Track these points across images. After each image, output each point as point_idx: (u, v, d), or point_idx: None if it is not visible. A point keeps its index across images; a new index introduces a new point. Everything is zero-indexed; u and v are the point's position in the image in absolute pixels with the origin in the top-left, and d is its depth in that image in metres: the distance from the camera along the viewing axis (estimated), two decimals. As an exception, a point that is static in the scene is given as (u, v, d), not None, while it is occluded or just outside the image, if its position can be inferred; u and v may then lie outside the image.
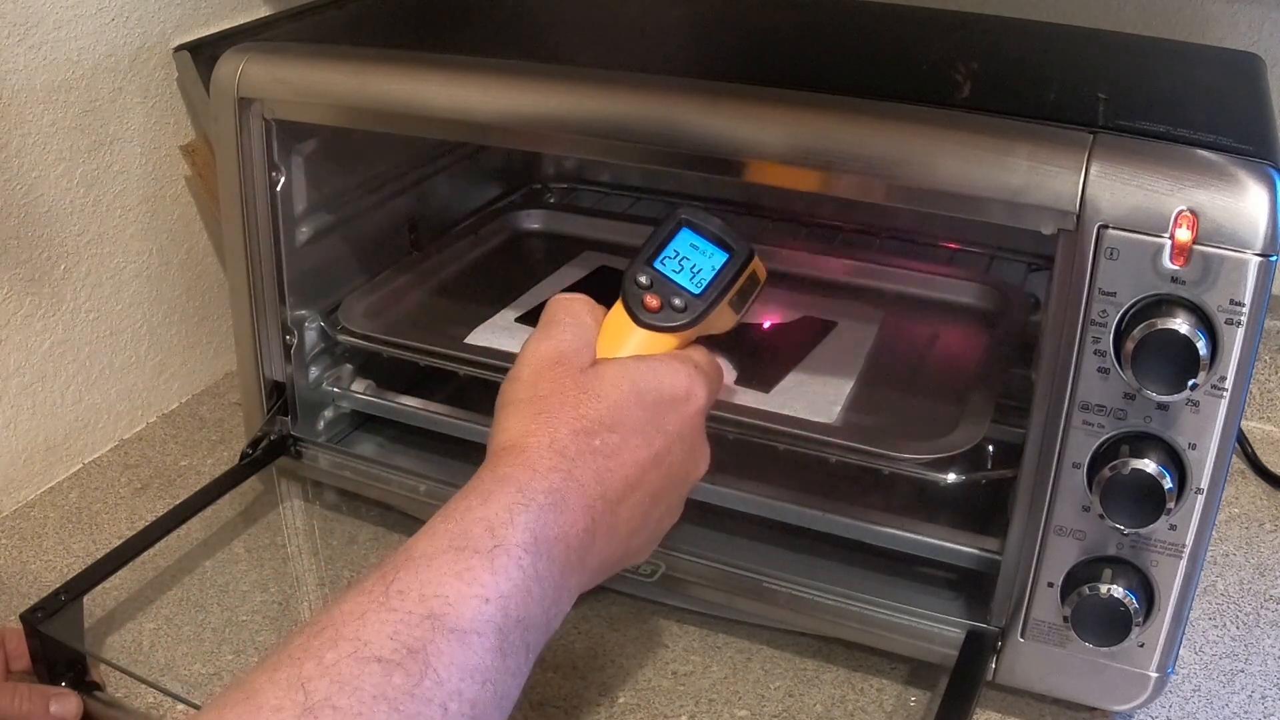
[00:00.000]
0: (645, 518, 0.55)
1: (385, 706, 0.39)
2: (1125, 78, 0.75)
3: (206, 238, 1.01)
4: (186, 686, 0.71)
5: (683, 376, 0.57)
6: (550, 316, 0.58)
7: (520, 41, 0.82)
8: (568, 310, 0.58)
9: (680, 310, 0.59)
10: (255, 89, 0.75)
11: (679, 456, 0.56)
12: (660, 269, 0.60)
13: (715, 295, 0.59)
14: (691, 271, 0.60)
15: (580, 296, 0.59)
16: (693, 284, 0.59)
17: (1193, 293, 0.56)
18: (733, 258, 0.60)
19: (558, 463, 0.50)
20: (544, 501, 0.49)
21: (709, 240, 0.60)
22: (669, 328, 0.59)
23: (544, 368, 0.55)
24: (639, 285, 0.59)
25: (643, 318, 0.59)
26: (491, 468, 0.51)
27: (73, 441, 0.92)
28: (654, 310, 0.59)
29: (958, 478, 0.71)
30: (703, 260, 0.60)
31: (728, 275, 0.60)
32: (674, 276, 0.59)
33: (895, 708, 0.71)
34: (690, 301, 0.59)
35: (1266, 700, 0.72)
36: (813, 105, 0.64)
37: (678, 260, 0.60)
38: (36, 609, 0.69)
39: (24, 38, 0.82)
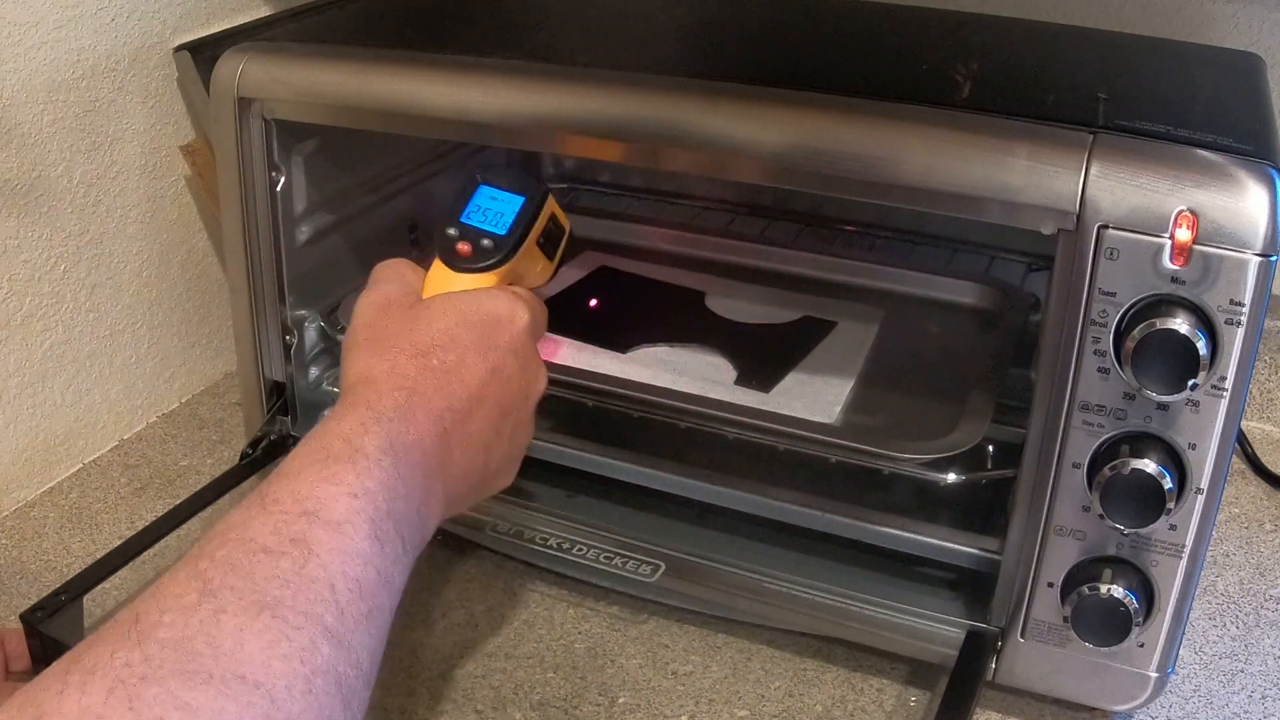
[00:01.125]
0: (497, 431, 0.59)
1: (277, 585, 0.43)
2: (1125, 78, 0.75)
3: (206, 238, 1.01)
4: (186, 686, 0.71)
5: (503, 300, 0.61)
6: (375, 277, 0.63)
7: (520, 41, 0.82)
8: (391, 268, 0.64)
9: (490, 250, 0.63)
10: (255, 89, 0.75)
11: (515, 370, 0.60)
12: (467, 222, 0.64)
13: (520, 231, 0.64)
14: (495, 218, 0.64)
15: (401, 260, 0.65)
16: (498, 227, 0.64)
17: (1193, 293, 0.56)
18: (529, 199, 0.65)
19: (401, 382, 0.55)
20: (393, 415, 0.53)
21: (505, 190, 0.65)
22: (483, 267, 0.63)
23: (376, 313, 0.60)
24: (449, 237, 0.63)
25: (458, 264, 0.63)
26: (342, 400, 0.55)
27: (73, 441, 0.92)
28: (467, 255, 0.63)
29: (958, 478, 0.71)
30: (504, 207, 0.65)
31: (528, 214, 0.64)
32: (480, 224, 0.64)
33: (895, 708, 0.71)
34: (498, 240, 0.63)
35: (1266, 700, 0.72)
36: (813, 105, 0.64)
37: (481, 212, 0.64)
38: (36, 609, 0.69)
39: (24, 38, 0.82)
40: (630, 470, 0.78)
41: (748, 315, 0.89)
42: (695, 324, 0.88)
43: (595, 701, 0.71)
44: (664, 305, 0.91)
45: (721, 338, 0.85)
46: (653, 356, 0.83)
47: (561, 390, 0.78)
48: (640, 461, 0.78)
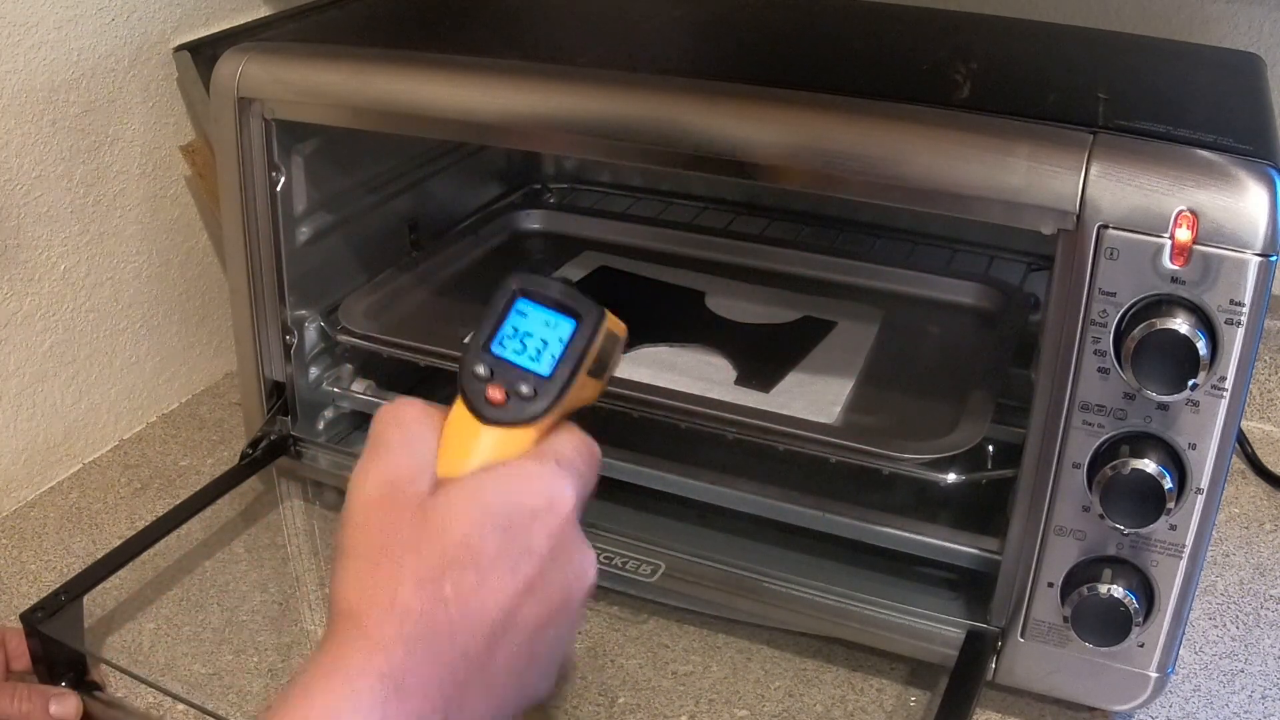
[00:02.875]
0: (531, 655, 0.47)
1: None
2: (1125, 78, 0.74)
3: (206, 238, 1.01)
4: (186, 686, 0.71)
5: (541, 482, 0.47)
6: (377, 435, 0.49)
7: (520, 41, 0.82)
8: (397, 424, 0.49)
9: (530, 398, 0.49)
10: (255, 89, 0.75)
11: (556, 576, 0.47)
12: (500, 353, 0.50)
13: (568, 372, 0.50)
14: (536, 350, 0.50)
15: (411, 403, 0.50)
16: (539, 364, 0.50)
17: (1193, 293, 0.56)
18: (581, 324, 0.51)
19: (401, 627, 0.43)
20: (388, 675, 0.43)
21: (550, 308, 0.51)
22: (521, 420, 0.49)
23: (375, 505, 0.46)
24: (478, 377, 0.50)
25: (488, 414, 0.49)
26: (328, 637, 0.44)
27: (73, 441, 0.92)
28: (499, 404, 0.49)
29: (958, 478, 0.71)
30: (548, 333, 0.51)
31: (580, 345, 0.50)
32: (516, 359, 0.50)
33: (895, 708, 0.71)
34: (540, 385, 0.50)
35: (1266, 700, 0.72)
36: (813, 105, 0.64)
37: (518, 339, 0.51)
38: (36, 609, 0.69)
39: (24, 38, 0.82)
40: (630, 470, 0.78)
41: (748, 315, 0.89)
42: (695, 324, 0.87)
43: (595, 702, 0.71)
44: (664, 305, 0.91)
45: (721, 338, 0.85)
46: (653, 356, 0.82)
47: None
48: (640, 461, 0.78)
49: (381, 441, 0.49)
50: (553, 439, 0.50)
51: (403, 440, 0.48)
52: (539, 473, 0.48)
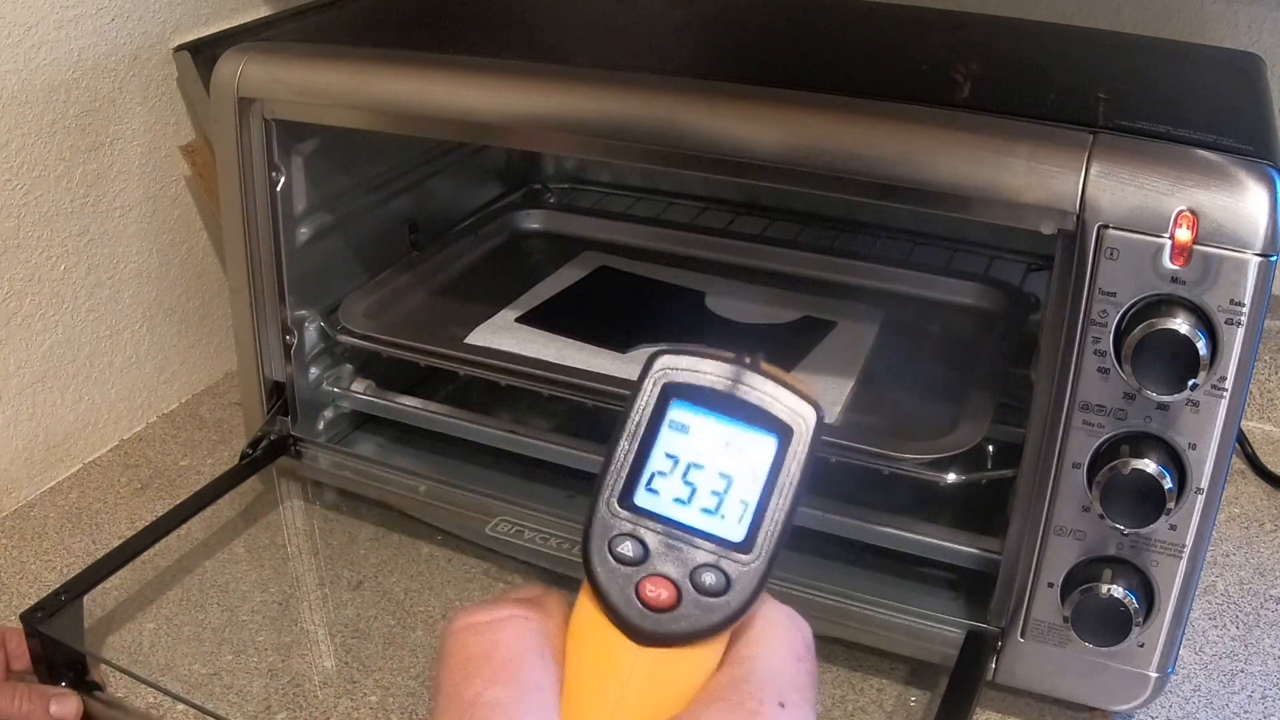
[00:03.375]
0: None
1: None
2: (1125, 78, 0.74)
3: (206, 238, 1.01)
4: (186, 686, 0.71)
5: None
6: (462, 692, 0.29)
7: (520, 41, 0.82)
8: (489, 671, 0.29)
9: (718, 591, 0.30)
10: (255, 89, 0.75)
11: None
12: (651, 509, 0.31)
13: (778, 529, 0.30)
14: (714, 494, 0.31)
15: (505, 616, 0.31)
16: (725, 522, 0.30)
17: (1193, 293, 0.56)
18: (790, 439, 0.31)
19: None
20: None
21: (733, 418, 0.31)
22: (703, 634, 0.30)
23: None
24: (623, 559, 0.30)
25: (648, 627, 0.30)
26: None
27: (73, 441, 0.92)
28: (663, 606, 0.30)
29: (958, 478, 0.71)
30: (730, 460, 0.31)
31: (789, 478, 0.31)
32: (683, 517, 0.30)
33: (895, 708, 0.71)
34: (733, 563, 0.30)
35: (1266, 700, 0.72)
36: (813, 105, 0.64)
37: (681, 474, 0.31)
38: (36, 609, 0.69)
39: (24, 38, 0.82)
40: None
41: (748, 315, 0.89)
42: (695, 324, 0.87)
43: (595, 701, 0.71)
44: (664, 305, 0.91)
45: (721, 338, 0.85)
46: (653, 356, 0.82)
47: (561, 390, 0.78)
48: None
49: (467, 711, 0.29)
50: (753, 648, 0.31)
51: (506, 705, 0.29)
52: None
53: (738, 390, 0.30)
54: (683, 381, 0.30)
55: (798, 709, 0.29)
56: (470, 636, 0.30)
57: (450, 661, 0.29)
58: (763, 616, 0.31)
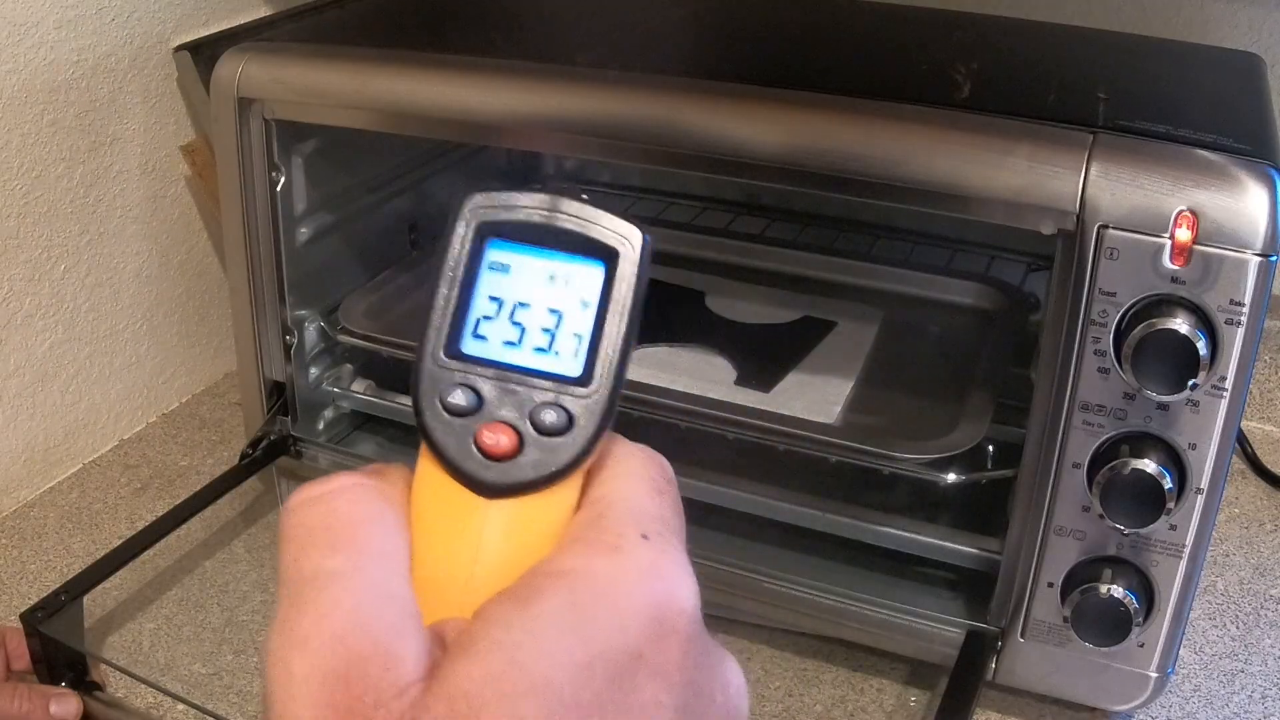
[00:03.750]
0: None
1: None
2: (1125, 78, 0.74)
3: (206, 238, 1.01)
4: (186, 686, 0.71)
5: (632, 590, 0.27)
6: (293, 572, 0.27)
7: (520, 41, 0.82)
8: (326, 540, 0.27)
9: (561, 429, 0.28)
10: (255, 89, 0.75)
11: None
12: (480, 355, 0.29)
13: (616, 360, 0.29)
14: (545, 331, 0.29)
15: (341, 487, 0.29)
16: (561, 358, 0.29)
17: (1193, 293, 0.56)
18: (617, 264, 0.29)
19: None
20: None
21: (554, 249, 0.29)
22: (551, 477, 0.28)
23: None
24: (455, 411, 0.29)
25: (490, 479, 0.28)
26: None
27: (73, 441, 0.92)
28: (507, 455, 0.28)
29: (958, 478, 0.71)
30: (558, 294, 0.29)
31: (622, 300, 0.29)
32: (514, 358, 0.29)
33: (895, 708, 0.71)
34: (573, 398, 0.29)
35: (1266, 700, 0.72)
36: (813, 105, 0.64)
37: (507, 315, 0.29)
38: (36, 609, 0.69)
39: (24, 38, 0.82)
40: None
41: (748, 315, 0.89)
42: (695, 324, 0.87)
43: (595, 701, 0.71)
44: (664, 305, 0.91)
45: (721, 338, 0.85)
46: (653, 356, 0.82)
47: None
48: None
49: (304, 585, 0.27)
50: (608, 486, 0.29)
51: (346, 574, 0.27)
52: (619, 575, 0.27)
53: (555, 220, 0.29)
54: (497, 219, 0.29)
55: (662, 539, 0.28)
56: (306, 510, 0.28)
57: (286, 537, 0.28)
58: (615, 455, 0.30)
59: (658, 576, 0.27)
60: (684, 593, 0.27)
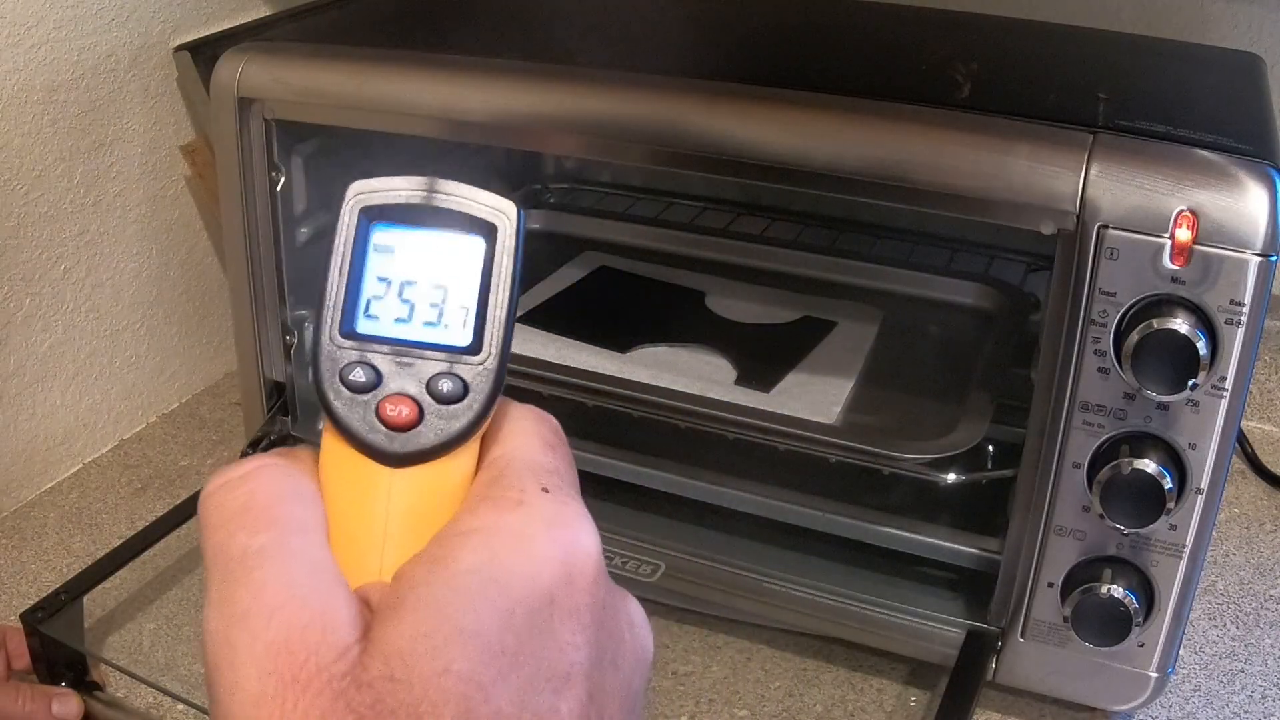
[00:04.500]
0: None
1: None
2: (1125, 78, 0.74)
3: (206, 238, 1.01)
4: (186, 686, 0.71)
5: (540, 543, 0.28)
6: (219, 555, 0.28)
7: (520, 41, 0.82)
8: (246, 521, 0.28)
9: (456, 397, 0.30)
10: (255, 89, 0.75)
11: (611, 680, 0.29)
12: (374, 332, 0.31)
13: (503, 325, 0.31)
14: (434, 305, 0.31)
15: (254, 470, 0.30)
16: (450, 330, 0.31)
17: (1193, 293, 0.56)
18: (495, 238, 0.31)
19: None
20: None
21: (433, 226, 0.31)
22: (452, 442, 0.30)
23: (271, 703, 0.26)
24: (355, 387, 0.30)
25: (395, 449, 0.30)
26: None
27: (73, 441, 0.92)
28: (408, 425, 0.30)
29: (958, 478, 0.71)
30: (442, 270, 0.31)
31: (503, 273, 0.31)
32: (407, 334, 0.31)
33: (895, 708, 0.71)
34: (467, 367, 0.30)
35: (1266, 700, 0.72)
36: (813, 105, 0.64)
37: (396, 296, 0.31)
38: (36, 609, 0.69)
39: (24, 38, 0.82)
40: (630, 470, 0.78)
41: (748, 315, 0.89)
42: (695, 324, 0.87)
43: (595, 701, 0.71)
44: (664, 305, 0.91)
45: (721, 338, 0.85)
46: (653, 356, 0.82)
47: (560, 390, 0.78)
48: (640, 461, 0.78)
49: (234, 565, 0.28)
50: (504, 446, 0.31)
51: (273, 550, 0.28)
52: (527, 527, 0.28)
53: (434, 200, 0.31)
54: (378, 203, 0.31)
55: (560, 491, 0.30)
56: (224, 495, 0.29)
57: (209, 523, 0.29)
58: (508, 417, 0.32)
59: (562, 525, 0.29)
60: (587, 539, 0.29)
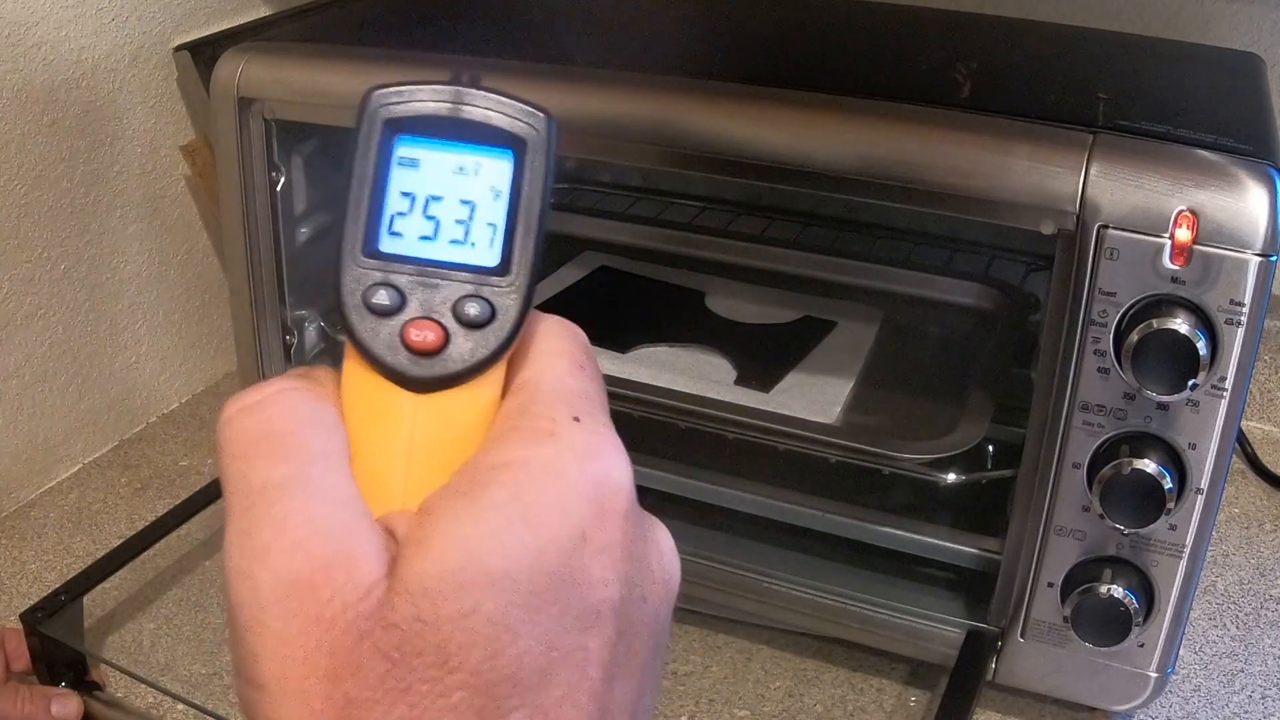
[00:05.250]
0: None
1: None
2: (1125, 78, 0.74)
3: (206, 238, 1.01)
4: (186, 686, 0.71)
5: (572, 478, 0.27)
6: (238, 485, 0.27)
7: (520, 41, 0.82)
8: (267, 448, 0.27)
9: (483, 321, 0.29)
10: (255, 89, 0.75)
11: (638, 615, 0.28)
12: (399, 251, 0.29)
13: (532, 245, 0.29)
14: (460, 223, 0.29)
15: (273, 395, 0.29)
16: (477, 249, 0.29)
17: (1193, 293, 0.56)
18: (526, 153, 0.30)
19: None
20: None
21: (461, 141, 0.30)
22: (478, 366, 0.29)
23: (295, 643, 0.25)
24: (379, 311, 0.29)
25: (419, 374, 0.29)
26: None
27: (73, 441, 0.92)
28: (434, 350, 0.28)
29: (957, 478, 0.71)
30: (469, 186, 0.29)
31: (534, 190, 0.29)
32: (433, 253, 0.29)
33: (895, 708, 0.71)
34: (493, 288, 0.29)
35: (1266, 700, 0.72)
36: (813, 105, 0.64)
37: (421, 213, 0.29)
38: (36, 609, 0.69)
39: (24, 38, 0.82)
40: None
41: (748, 315, 0.89)
42: (695, 324, 0.87)
43: (595, 701, 0.71)
44: (664, 305, 0.91)
45: (721, 338, 0.85)
46: (653, 356, 0.82)
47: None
48: (641, 462, 0.78)
49: (255, 497, 0.27)
50: (532, 369, 0.29)
51: (295, 482, 0.27)
52: (558, 460, 0.27)
53: (461, 111, 0.29)
54: (402, 115, 0.29)
55: (592, 418, 0.28)
56: (243, 420, 0.28)
57: (228, 451, 0.27)
58: (534, 335, 0.30)
59: (594, 457, 0.27)
60: (619, 470, 0.28)
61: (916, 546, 0.72)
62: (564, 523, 0.26)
